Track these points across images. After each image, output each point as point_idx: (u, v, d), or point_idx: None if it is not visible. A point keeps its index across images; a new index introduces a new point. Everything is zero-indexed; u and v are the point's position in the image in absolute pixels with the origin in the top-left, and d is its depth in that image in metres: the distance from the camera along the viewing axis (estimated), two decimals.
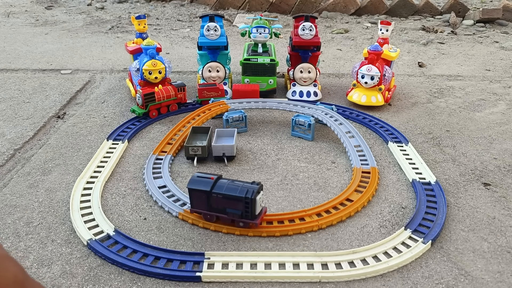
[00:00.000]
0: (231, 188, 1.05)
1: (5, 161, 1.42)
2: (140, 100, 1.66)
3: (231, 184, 1.06)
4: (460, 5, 3.65)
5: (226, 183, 1.07)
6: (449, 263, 0.99)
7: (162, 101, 1.71)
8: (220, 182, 1.07)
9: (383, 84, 1.80)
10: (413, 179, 1.30)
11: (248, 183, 1.06)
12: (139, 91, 1.65)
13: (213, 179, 1.07)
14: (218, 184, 1.07)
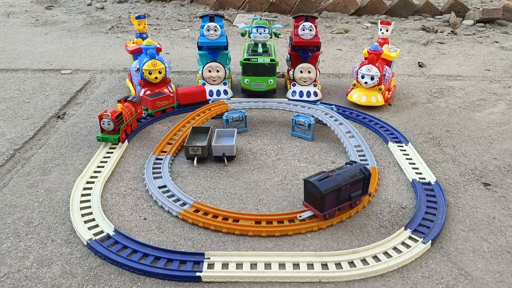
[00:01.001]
0: (350, 174, 1.11)
1: (5, 161, 1.42)
2: (110, 124, 1.44)
3: (344, 171, 1.12)
4: (460, 5, 3.65)
5: (341, 173, 1.11)
6: (449, 263, 0.99)
7: (128, 120, 1.53)
8: (337, 174, 1.10)
9: (383, 84, 1.80)
10: (413, 179, 1.30)
11: (350, 164, 1.15)
12: (106, 116, 1.42)
13: (332, 176, 1.10)
14: (338, 176, 1.10)
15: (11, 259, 1.00)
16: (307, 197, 1.13)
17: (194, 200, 1.19)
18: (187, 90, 1.76)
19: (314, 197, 1.10)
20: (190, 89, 1.77)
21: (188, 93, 1.75)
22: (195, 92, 1.77)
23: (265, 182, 1.31)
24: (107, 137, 1.46)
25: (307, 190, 1.12)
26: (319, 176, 1.10)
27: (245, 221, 1.11)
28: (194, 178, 1.33)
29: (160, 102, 1.68)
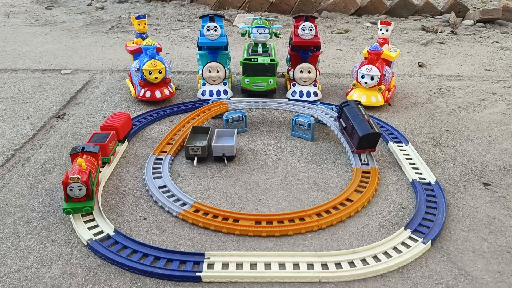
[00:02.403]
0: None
1: (5, 161, 1.42)
2: (82, 190, 1.09)
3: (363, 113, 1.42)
4: (460, 5, 3.65)
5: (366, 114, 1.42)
6: (449, 263, 0.99)
7: (96, 177, 1.22)
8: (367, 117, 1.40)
9: (383, 84, 1.80)
10: (413, 179, 1.30)
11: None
12: (75, 180, 1.07)
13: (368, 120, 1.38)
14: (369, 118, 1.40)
15: (11, 259, 1.00)
16: (361, 145, 1.37)
17: (194, 200, 1.19)
18: (119, 123, 1.45)
19: (372, 141, 1.37)
20: (118, 120, 1.48)
21: (123, 124, 1.47)
22: (125, 121, 1.50)
23: (265, 182, 1.31)
24: (79, 207, 1.10)
25: (365, 141, 1.36)
26: (367, 125, 1.36)
27: (245, 221, 1.11)
28: (194, 178, 1.33)
29: (111, 144, 1.36)
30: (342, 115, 1.46)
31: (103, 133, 1.38)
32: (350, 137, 1.42)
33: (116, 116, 1.51)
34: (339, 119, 1.49)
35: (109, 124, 1.44)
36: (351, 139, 1.41)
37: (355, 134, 1.37)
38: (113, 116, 1.51)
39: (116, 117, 1.50)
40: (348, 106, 1.45)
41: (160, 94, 1.81)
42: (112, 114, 1.52)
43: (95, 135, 1.37)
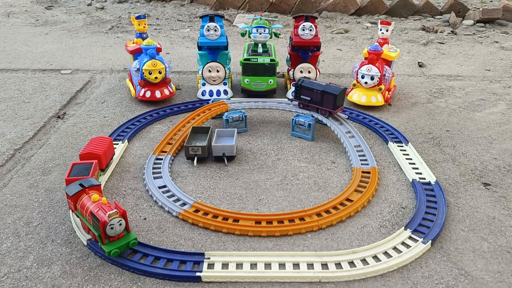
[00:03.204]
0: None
1: (5, 161, 1.42)
2: (122, 224, 0.97)
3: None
4: (460, 5, 3.65)
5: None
6: (449, 263, 0.99)
7: None
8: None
9: (383, 84, 1.80)
10: (413, 179, 1.30)
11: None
12: (114, 215, 0.95)
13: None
14: None
15: (11, 259, 1.00)
16: (336, 106, 1.53)
17: (194, 200, 1.19)
18: (100, 150, 1.28)
19: (340, 100, 1.55)
20: (100, 146, 1.30)
21: (106, 151, 1.30)
22: (108, 147, 1.32)
23: (265, 182, 1.31)
24: (123, 244, 0.98)
25: (338, 100, 1.52)
26: (334, 86, 1.53)
27: (245, 221, 1.11)
28: (194, 178, 1.33)
29: (94, 176, 1.18)
30: (302, 91, 1.57)
31: (83, 163, 1.19)
32: (320, 105, 1.55)
33: (96, 141, 1.31)
34: (298, 97, 1.60)
35: (90, 151, 1.25)
36: (322, 106, 1.55)
37: (327, 98, 1.52)
38: (93, 142, 1.31)
39: (96, 143, 1.31)
40: (305, 81, 1.57)
41: (160, 94, 1.81)
42: (91, 140, 1.32)
43: (75, 167, 1.17)
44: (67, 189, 1.03)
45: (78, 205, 1.02)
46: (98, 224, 0.94)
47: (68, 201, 1.05)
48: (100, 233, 0.95)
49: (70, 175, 1.14)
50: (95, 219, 0.95)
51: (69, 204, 1.06)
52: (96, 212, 0.95)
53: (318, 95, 1.54)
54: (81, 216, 1.03)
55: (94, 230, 0.97)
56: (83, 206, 1.00)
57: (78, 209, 1.02)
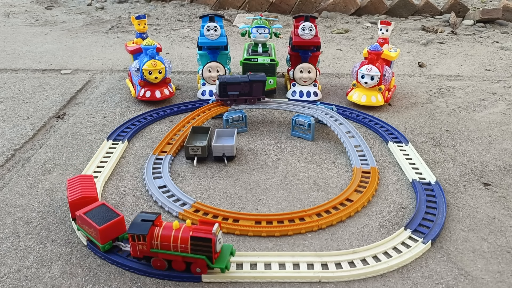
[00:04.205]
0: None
1: (5, 161, 1.42)
2: (221, 238, 0.95)
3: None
4: (460, 5, 3.65)
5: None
6: (449, 263, 0.99)
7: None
8: None
9: (383, 84, 1.80)
10: (413, 179, 1.30)
11: None
12: (217, 229, 0.91)
13: None
14: None
15: (11, 259, 1.00)
16: (264, 91, 1.66)
17: (194, 200, 1.19)
18: (93, 190, 1.10)
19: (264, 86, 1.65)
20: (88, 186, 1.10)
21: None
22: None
23: (265, 182, 1.31)
24: (228, 254, 0.95)
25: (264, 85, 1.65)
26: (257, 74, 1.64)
27: (245, 221, 1.11)
28: (194, 178, 1.33)
29: (84, 226, 1.01)
30: (229, 87, 1.61)
31: (92, 208, 1.02)
32: (250, 95, 1.63)
33: (79, 182, 1.11)
34: (223, 96, 1.63)
35: (83, 196, 1.06)
36: (252, 95, 1.64)
37: (256, 86, 1.62)
38: (75, 184, 1.10)
39: (80, 184, 1.10)
40: (227, 77, 1.61)
41: (160, 94, 1.81)
42: (71, 182, 1.12)
43: (87, 214, 1.00)
44: (136, 230, 0.91)
45: (157, 241, 0.91)
46: (208, 244, 0.89)
47: (134, 245, 0.93)
48: (210, 253, 0.90)
49: (99, 224, 0.97)
50: (203, 241, 0.89)
51: (135, 248, 0.93)
52: (200, 234, 0.89)
53: (246, 86, 1.61)
54: (166, 251, 0.92)
55: (198, 255, 0.91)
56: (167, 239, 0.91)
57: (157, 245, 0.92)
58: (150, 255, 0.94)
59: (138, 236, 0.91)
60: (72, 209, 1.06)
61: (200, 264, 0.92)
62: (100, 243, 0.97)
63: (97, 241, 0.98)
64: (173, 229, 0.92)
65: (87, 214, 0.99)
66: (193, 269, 0.93)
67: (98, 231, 0.96)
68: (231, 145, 1.40)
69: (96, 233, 0.97)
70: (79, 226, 1.03)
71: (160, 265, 0.95)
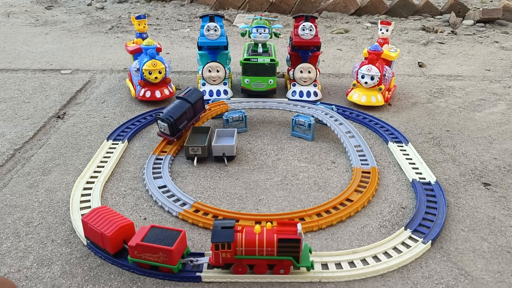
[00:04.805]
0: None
1: (5, 161, 1.42)
2: (295, 251, 0.92)
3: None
4: (460, 5, 3.65)
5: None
6: (449, 263, 0.99)
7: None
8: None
9: (383, 84, 1.79)
10: (413, 179, 1.30)
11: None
12: (299, 229, 0.91)
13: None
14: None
15: (11, 259, 1.00)
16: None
17: (194, 200, 1.19)
18: (122, 219, 1.00)
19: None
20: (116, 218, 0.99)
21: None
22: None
23: (265, 182, 1.31)
24: (307, 251, 0.96)
25: None
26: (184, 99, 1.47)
27: (245, 221, 1.11)
28: (194, 178, 1.33)
29: (148, 254, 0.94)
30: (178, 122, 1.43)
31: (146, 234, 0.95)
32: (195, 114, 1.52)
33: (103, 214, 1.00)
34: (176, 132, 1.44)
35: (121, 225, 0.97)
36: (197, 113, 1.53)
37: (199, 103, 1.52)
38: (100, 216, 0.99)
39: (105, 215, 1.00)
40: (170, 113, 1.41)
41: (160, 94, 1.81)
42: (95, 214, 0.99)
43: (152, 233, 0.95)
44: (221, 239, 0.89)
45: (241, 247, 0.90)
46: (297, 245, 0.89)
47: (217, 254, 0.91)
48: (297, 254, 0.90)
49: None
50: (291, 242, 0.89)
51: (217, 257, 0.91)
52: (287, 236, 0.89)
53: (191, 110, 1.48)
54: (251, 257, 0.91)
55: (285, 257, 0.91)
56: (252, 244, 0.90)
57: (241, 252, 0.90)
58: (234, 262, 0.92)
59: (223, 244, 0.89)
60: (113, 243, 0.96)
61: (284, 265, 0.92)
62: (174, 265, 0.92)
63: (167, 264, 0.92)
64: (255, 233, 0.90)
65: (145, 241, 0.92)
66: (276, 271, 0.93)
67: (171, 252, 0.90)
68: (231, 145, 1.40)
69: (168, 255, 0.91)
70: (133, 258, 0.94)
71: (241, 270, 0.93)
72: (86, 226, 0.99)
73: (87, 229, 1.00)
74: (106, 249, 0.98)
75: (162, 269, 0.94)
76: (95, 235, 0.98)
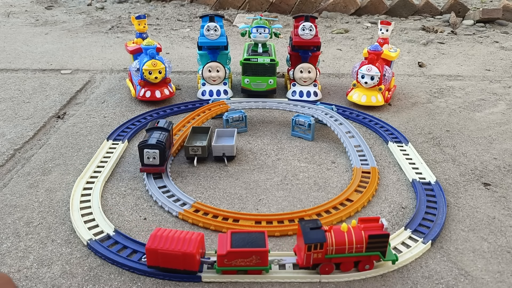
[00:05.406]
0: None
1: (5, 161, 1.42)
2: (383, 245, 0.94)
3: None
4: (460, 5, 3.65)
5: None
6: (449, 263, 0.99)
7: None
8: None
9: (383, 84, 1.80)
10: (413, 179, 1.30)
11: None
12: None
13: None
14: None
15: (11, 259, 1.00)
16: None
17: (194, 200, 1.19)
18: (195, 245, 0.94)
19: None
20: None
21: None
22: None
23: (265, 182, 1.31)
24: (391, 252, 0.97)
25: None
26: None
27: (245, 221, 1.11)
28: (194, 178, 1.33)
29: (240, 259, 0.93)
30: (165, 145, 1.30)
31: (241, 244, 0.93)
32: (170, 146, 1.39)
33: (178, 237, 0.94)
34: (164, 160, 1.30)
35: (199, 238, 0.94)
36: (171, 150, 1.40)
37: (170, 137, 1.37)
38: (167, 236, 0.94)
39: (171, 235, 0.94)
40: (155, 141, 1.27)
41: (160, 94, 1.81)
42: (156, 237, 0.93)
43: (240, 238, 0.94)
44: (315, 239, 0.90)
45: (332, 246, 0.91)
46: (385, 240, 0.92)
47: (309, 255, 0.91)
48: (385, 248, 0.93)
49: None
50: (381, 237, 0.91)
51: (309, 258, 0.91)
52: (376, 232, 0.91)
53: (169, 138, 1.34)
54: (340, 255, 0.92)
55: (373, 252, 0.93)
56: (342, 242, 0.91)
57: (332, 251, 0.91)
58: (323, 261, 0.92)
59: (315, 245, 0.90)
60: (198, 259, 0.93)
61: (370, 260, 0.94)
62: (266, 265, 0.92)
63: (260, 266, 0.92)
64: (344, 232, 0.92)
65: (235, 247, 0.91)
66: (361, 267, 0.95)
67: (265, 253, 0.91)
68: (231, 145, 1.40)
69: (262, 257, 0.91)
70: (221, 266, 0.92)
71: (328, 269, 0.94)
72: (154, 253, 0.92)
73: (155, 257, 0.93)
74: (188, 269, 0.93)
75: (251, 272, 0.94)
76: (170, 259, 0.92)
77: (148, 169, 1.29)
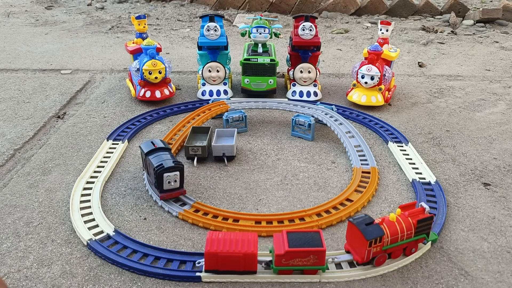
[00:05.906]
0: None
1: (5, 161, 1.42)
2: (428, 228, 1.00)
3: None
4: (460, 5, 3.65)
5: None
6: (449, 263, 0.99)
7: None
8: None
9: (383, 84, 1.80)
10: (413, 179, 1.30)
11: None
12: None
13: None
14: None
15: (11, 259, 1.00)
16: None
17: (194, 200, 1.19)
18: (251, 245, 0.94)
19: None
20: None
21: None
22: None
23: (265, 182, 1.31)
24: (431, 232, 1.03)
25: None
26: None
27: (245, 221, 1.11)
28: (194, 178, 1.33)
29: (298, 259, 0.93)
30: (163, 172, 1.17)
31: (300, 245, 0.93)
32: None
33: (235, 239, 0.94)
34: (162, 187, 1.18)
35: (255, 238, 0.94)
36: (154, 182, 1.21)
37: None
38: (224, 239, 0.93)
39: (226, 238, 0.94)
40: (167, 163, 1.16)
41: (160, 94, 1.81)
42: (214, 241, 0.93)
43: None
44: (375, 234, 0.91)
45: (387, 238, 0.93)
46: (430, 222, 0.98)
47: (369, 250, 0.92)
48: (430, 229, 1.00)
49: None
50: (427, 220, 0.97)
51: (369, 253, 0.92)
52: (423, 216, 0.97)
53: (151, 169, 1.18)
54: (394, 245, 0.95)
55: (419, 236, 0.98)
56: (395, 232, 0.93)
57: (387, 242, 0.93)
58: (379, 254, 0.94)
59: (375, 240, 0.91)
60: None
61: (415, 244, 0.99)
62: (323, 265, 0.93)
63: (316, 265, 0.93)
64: (394, 222, 0.95)
65: (293, 246, 0.91)
66: (408, 251, 0.99)
67: (323, 252, 0.91)
68: (231, 145, 1.40)
69: (319, 256, 0.92)
70: (278, 266, 0.93)
71: (382, 260, 0.96)
72: (214, 257, 0.91)
73: (215, 260, 0.92)
74: (249, 270, 0.93)
75: (307, 271, 0.94)
76: (231, 261, 0.91)
77: (170, 195, 1.18)
